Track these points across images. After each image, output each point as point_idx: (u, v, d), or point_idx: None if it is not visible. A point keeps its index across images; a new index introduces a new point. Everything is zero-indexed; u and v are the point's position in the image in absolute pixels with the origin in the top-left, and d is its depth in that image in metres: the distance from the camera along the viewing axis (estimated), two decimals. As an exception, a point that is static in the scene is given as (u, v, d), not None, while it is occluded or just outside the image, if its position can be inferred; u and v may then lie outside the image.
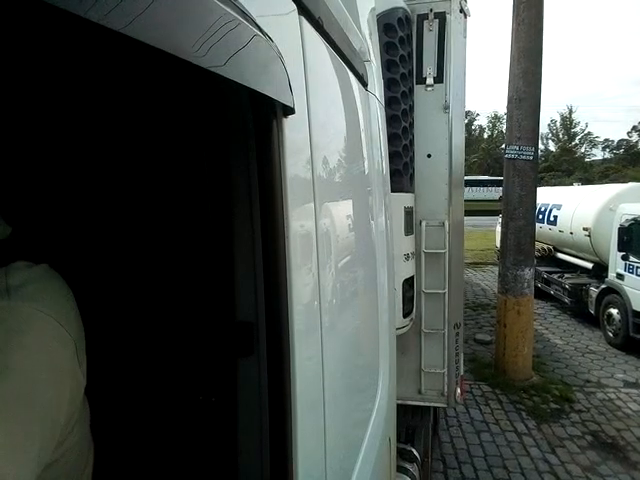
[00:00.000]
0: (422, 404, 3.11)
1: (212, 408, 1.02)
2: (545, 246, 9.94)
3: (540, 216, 10.04)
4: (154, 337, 1.19)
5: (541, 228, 9.96)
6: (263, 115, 0.77)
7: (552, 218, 9.59)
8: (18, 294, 0.64)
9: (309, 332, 0.90)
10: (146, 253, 1.20)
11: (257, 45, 0.63)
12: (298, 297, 0.83)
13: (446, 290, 2.98)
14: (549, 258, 9.84)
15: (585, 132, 52.71)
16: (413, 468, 2.58)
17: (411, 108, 2.81)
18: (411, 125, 2.80)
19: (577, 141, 53.06)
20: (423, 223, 3.07)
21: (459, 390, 3.08)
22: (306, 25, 0.91)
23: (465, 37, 2.94)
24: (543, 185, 15.27)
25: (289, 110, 0.79)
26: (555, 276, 8.96)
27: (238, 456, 0.93)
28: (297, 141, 0.87)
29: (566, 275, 8.74)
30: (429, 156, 3.01)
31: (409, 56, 2.75)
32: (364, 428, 1.39)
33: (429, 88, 2.91)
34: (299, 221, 0.86)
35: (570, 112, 52.84)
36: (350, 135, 1.39)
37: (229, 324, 0.91)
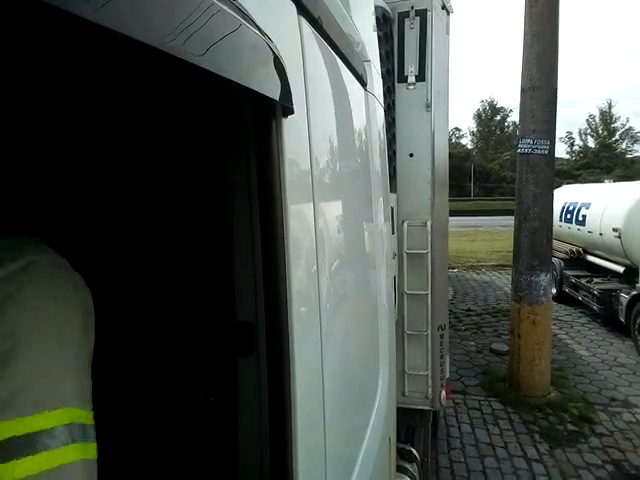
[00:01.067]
0: (405, 406, 3.05)
1: (211, 407, 1.02)
2: (574, 248, 9.26)
3: (568, 215, 9.45)
4: (154, 337, 1.20)
5: (570, 229, 9.37)
6: (263, 115, 0.78)
7: (581, 218, 8.93)
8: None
9: (309, 332, 0.91)
10: (146, 253, 1.21)
11: (256, 45, 0.63)
12: (297, 297, 0.84)
13: (429, 291, 2.95)
14: (578, 261, 9.16)
15: (626, 127, 50.57)
16: (413, 468, 2.57)
17: (389, 107, 2.76)
18: (390, 124, 2.74)
19: (617, 137, 50.86)
20: (405, 223, 3.02)
21: (444, 393, 3.06)
22: (305, 25, 0.91)
23: (448, 34, 2.90)
24: (581, 183, 14.50)
25: (288, 110, 0.79)
26: (583, 281, 8.30)
27: (238, 455, 0.93)
28: (297, 141, 0.86)
29: (595, 280, 8.07)
30: (411, 155, 2.96)
31: (387, 55, 2.72)
32: (364, 428, 1.40)
33: (411, 86, 2.88)
34: (299, 221, 0.87)
35: (609, 106, 50.80)
36: (350, 135, 1.38)
37: (229, 324, 0.92)
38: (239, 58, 0.58)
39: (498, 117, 56.39)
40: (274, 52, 0.69)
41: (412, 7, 2.81)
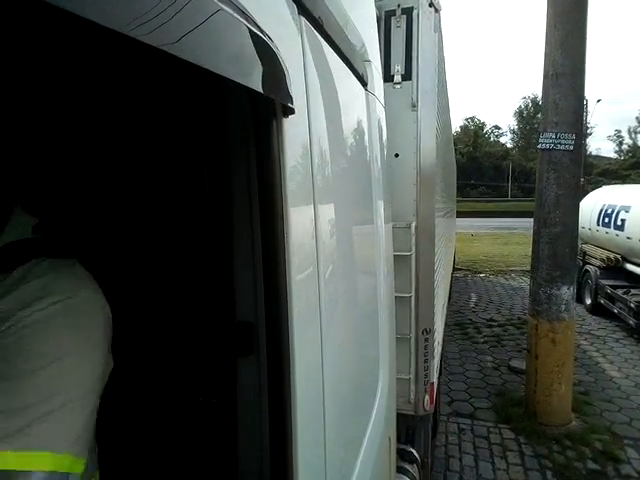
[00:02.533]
0: None
1: (213, 409, 1.02)
2: (612, 255, 8.46)
3: (606, 219, 8.67)
4: (154, 338, 1.20)
5: (607, 233, 8.60)
6: (263, 115, 0.78)
7: (619, 222, 8.15)
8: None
9: (309, 332, 0.91)
10: (146, 254, 1.21)
11: (257, 45, 0.63)
12: (298, 297, 0.84)
13: (412, 294, 2.88)
14: (616, 269, 8.35)
15: (681, 124, 47.47)
16: (413, 469, 2.56)
17: None
18: None
19: (671, 135, 47.88)
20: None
21: (428, 398, 3.02)
22: (306, 25, 0.91)
23: (436, 32, 2.88)
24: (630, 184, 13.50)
25: (289, 110, 0.79)
26: (620, 292, 7.53)
27: (237, 455, 0.94)
28: (297, 141, 0.87)
29: (633, 291, 7.30)
30: (397, 155, 2.89)
31: None
32: (364, 428, 1.41)
33: (397, 86, 2.83)
34: (299, 221, 0.87)
35: (663, 102, 47.86)
36: (350, 135, 1.39)
37: (229, 324, 0.92)
38: (239, 58, 0.59)
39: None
40: (274, 52, 0.69)
41: (398, 5, 2.74)
